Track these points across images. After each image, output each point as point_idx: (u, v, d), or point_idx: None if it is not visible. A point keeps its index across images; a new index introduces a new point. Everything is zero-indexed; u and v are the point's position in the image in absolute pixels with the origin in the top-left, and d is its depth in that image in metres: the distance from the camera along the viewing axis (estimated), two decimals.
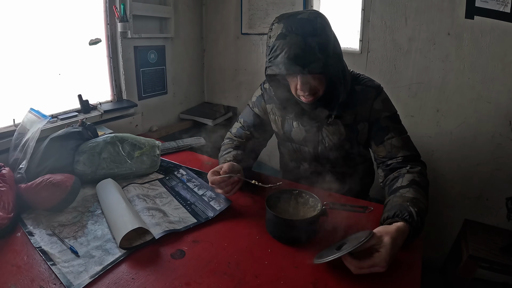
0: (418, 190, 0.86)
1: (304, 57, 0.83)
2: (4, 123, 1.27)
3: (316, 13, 0.89)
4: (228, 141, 1.20)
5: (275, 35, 0.87)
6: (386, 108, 1.00)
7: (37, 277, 0.69)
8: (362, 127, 1.02)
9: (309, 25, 0.85)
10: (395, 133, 0.98)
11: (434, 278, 1.68)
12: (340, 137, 1.04)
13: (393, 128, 0.99)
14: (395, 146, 0.98)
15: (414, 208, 0.79)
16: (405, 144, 0.98)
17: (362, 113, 1.01)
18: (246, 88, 2.15)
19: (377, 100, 0.99)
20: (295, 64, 0.84)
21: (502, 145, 1.52)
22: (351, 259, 0.69)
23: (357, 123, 1.02)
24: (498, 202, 1.56)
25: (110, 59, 1.65)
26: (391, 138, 0.98)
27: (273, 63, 0.87)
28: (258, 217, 0.92)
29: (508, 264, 1.33)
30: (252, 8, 1.97)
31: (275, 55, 0.86)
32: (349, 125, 1.03)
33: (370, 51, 1.70)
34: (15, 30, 1.27)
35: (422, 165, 0.97)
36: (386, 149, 0.99)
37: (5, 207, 0.85)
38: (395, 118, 1.01)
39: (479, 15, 1.42)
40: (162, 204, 0.98)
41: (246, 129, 1.18)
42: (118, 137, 1.16)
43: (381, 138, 1.00)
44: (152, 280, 0.69)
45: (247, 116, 1.19)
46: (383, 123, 0.99)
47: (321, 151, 1.09)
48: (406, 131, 1.02)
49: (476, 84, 1.51)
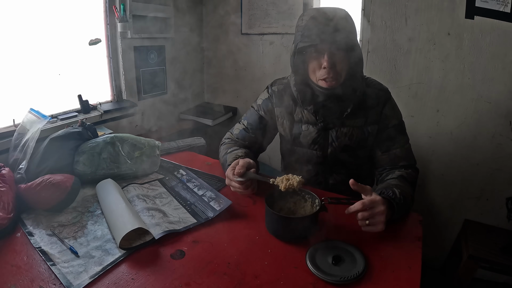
0: (403, 181, 0.96)
1: (337, 31, 0.89)
2: (4, 123, 1.27)
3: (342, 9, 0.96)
4: (229, 141, 1.19)
5: (307, 19, 0.93)
6: (395, 115, 1.05)
7: (37, 278, 0.68)
8: (372, 129, 1.05)
9: (338, 12, 0.92)
10: (400, 143, 1.04)
11: (434, 278, 1.68)
12: (351, 138, 1.06)
13: (399, 139, 1.05)
14: (398, 156, 1.04)
15: (398, 189, 0.88)
16: (406, 154, 1.05)
17: (373, 116, 1.04)
18: (246, 88, 2.15)
19: (387, 105, 1.04)
20: (328, 34, 0.89)
21: (502, 145, 1.52)
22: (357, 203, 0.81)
23: (367, 125, 1.05)
24: (498, 202, 1.56)
25: (110, 59, 1.65)
26: (396, 149, 1.04)
27: (307, 37, 0.91)
28: (258, 217, 0.92)
29: (508, 264, 1.33)
30: (252, 8, 1.97)
31: (308, 31, 0.91)
32: (360, 127, 1.05)
33: (370, 51, 1.70)
34: (15, 30, 1.27)
35: (414, 170, 1.05)
36: (389, 158, 1.05)
37: (5, 207, 0.85)
38: (402, 127, 1.07)
39: (479, 15, 1.42)
40: (162, 205, 0.98)
41: (250, 132, 1.17)
42: (118, 137, 1.15)
43: (387, 147, 1.05)
44: (152, 280, 0.69)
45: (252, 119, 1.17)
46: (391, 133, 1.04)
47: (330, 153, 1.09)
48: (408, 138, 1.08)
49: (476, 84, 1.51)
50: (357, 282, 0.69)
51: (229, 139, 1.20)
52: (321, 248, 0.77)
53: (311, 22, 0.92)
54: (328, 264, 0.73)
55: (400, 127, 1.06)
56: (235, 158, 1.04)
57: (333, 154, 1.09)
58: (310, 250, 0.76)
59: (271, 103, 1.15)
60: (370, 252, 0.77)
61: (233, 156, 1.06)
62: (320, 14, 0.92)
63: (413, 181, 1.01)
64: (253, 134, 1.16)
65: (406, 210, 0.90)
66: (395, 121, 1.05)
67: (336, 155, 1.09)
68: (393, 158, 1.04)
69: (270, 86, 1.16)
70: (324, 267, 0.72)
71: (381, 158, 1.06)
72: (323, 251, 0.76)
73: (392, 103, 1.05)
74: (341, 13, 0.93)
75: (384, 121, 1.04)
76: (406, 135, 1.07)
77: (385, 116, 1.04)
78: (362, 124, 1.04)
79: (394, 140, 1.04)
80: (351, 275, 0.69)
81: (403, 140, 1.05)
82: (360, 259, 0.74)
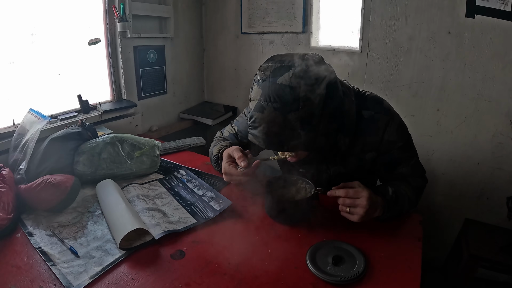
0: (404, 184, 0.92)
1: (282, 136, 0.75)
2: (4, 123, 1.27)
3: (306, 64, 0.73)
4: (218, 139, 1.18)
5: (254, 101, 0.76)
6: (398, 138, 0.91)
7: (37, 278, 0.69)
8: (370, 156, 0.94)
9: (290, 94, 0.71)
10: (407, 162, 0.94)
11: (434, 278, 1.68)
12: (346, 166, 0.97)
13: (405, 158, 0.94)
14: (404, 174, 0.95)
15: (392, 188, 0.87)
16: (414, 170, 0.96)
17: (371, 143, 0.91)
18: (246, 87, 2.15)
19: (388, 130, 0.89)
20: (273, 142, 0.77)
21: (502, 144, 1.52)
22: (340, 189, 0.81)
23: (365, 153, 0.93)
24: (498, 201, 1.56)
25: (109, 59, 1.65)
26: (402, 168, 0.95)
27: (252, 134, 0.79)
28: (257, 217, 0.92)
29: (508, 263, 1.33)
30: (252, 7, 1.96)
31: (253, 126, 0.78)
32: (355, 155, 0.94)
33: (370, 50, 1.69)
34: (15, 30, 1.27)
35: (422, 179, 0.98)
36: (395, 176, 0.96)
37: (5, 207, 0.85)
38: (408, 145, 0.95)
39: (479, 14, 1.42)
40: (162, 205, 0.97)
41: (239, 139, 1.13)
42: (118, 138, 1.15)
43: (392, 168, 0.95)
44: (152, 280, 0.69)
45: (243, 127, 1.12)
46: (395, 154, 0.93)
47: (325, 178, 1.01)
48: (415, 152, 0.98)
49: (476, 83, 1.50)
50: (357, 282, 0.69)
51: (217, 137, 1.20)
52: (321, 248, 0.77)
53: (257, 115, 0.75)
54: (328, 264, 0.73)
55: (405, 146, 0.93)
56: (219, 149, 1.05)
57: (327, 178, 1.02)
58: (310, 250, 0.76)
59: None
60: (370, 252, 0.77)
61: (218, 147, 1.06)
62: (267, 99, 0.73)
63: (417, 187, 0.94)
64: (243, 141, 1.13)
65: (399, 211, 0.87)
66: (399, 143, 0.91)
67: (331, 179, 1.00)
68: (399, 176, 0.95)
69: None
70: (324, 267, 0.72)
71: (385, 176, 0.99)
72: (323, 251, 0.76)
73: (393, 126, 0.89)
74: (295, 90, 0.71)
75: (386, 147, 0.91)
76: (412, 151, 0.96)
77: (388, 142, 0.90)
78: (358, 152, 0.93)
79: (400, 160, 0.93)
80: (351, 275, 0.69)
81: (409, 158, 0.95)
82: (360, 259, 0.74)
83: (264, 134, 0.76)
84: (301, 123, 0.73)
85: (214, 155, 1.08)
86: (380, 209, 0.84)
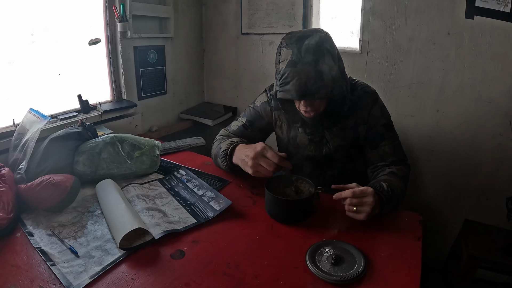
0: (392, 176, 0.99)
1: (313, 85, 0.90)
2: (4, 123, 1.27)
3: (320, 34, 0.94)
4: (223, 137, 1.19)
5: (285, 60, 0.92)
6: (383, 115, 1.09)
7: (36, 278, 0.68)
8: (362, 130, 1.09)
9: (316, 51, 0.90)
10: (389, 140, 1.08)
11: (434, 278, 1.68)
12: (343, 139, 1.10)
13: (388, 136, 1.08)
14: (387, 152, 1.07)
15: (385, 183, 0.93)
16: (395, 150, 1.08)
17: (362, 117, 1.08)
18: (246, 88, 2.15)
19: (375, 107, 1.07)
20: (305, 92, 0.90)
21: (502, 145, 1.52)
22: None
23: (357, 126, 1.08)
24: (498, 202, 1.56)
25: (109, 59, 1.65)
26: (385, 146, 1.07)
27: (284, 89, 0.93)
28: (258, 217, 0.92)
29: (508, 264, 1.33)
30: (252, 8, 1.96)
31: (286, 81, 0.92)
32: (351, 128, 1.09)
33: (370, 51, 1.70)
34: (15, 30, 1.27)
35: (405, 166, 1.08)
36: (379, 154, 1.08)
37: (4, 207, 0.85)
38: (390, 125, 1.10)
39: (479, 15, 1.42)
40: (162, 205, 0.98)
41: (249, 130, 1.20)
42: (117, 137, 1.15)
43: (376, 144, 1.08)
44: (152, 280, 0.69)
45: (251, 116, 1.20)
46: (379, 130, 1.08)
47: (325, 153, 1.13)
48: (397, 136, 1.11)
49: (476, 84, 1.51)
50: (357, 282, 0.69)
51: (222, 135, 1.21)
52: (321, 248, 0.77)
53: (289, 70, 0.91)
54: (328, 264, 0.73)
55: (388, 125, 1.09)
56: (230, 144, 1.08)
57: (328, 154, 1.13)
58: (310, 250, 0.76)
59: (269, 107, 1.17)
60: (370, 252, 0.77)
61: (228, 143, 1.09)
62: (298, 56, 0.90)
63: (404, 176, 1.04)
64: (251, 132, 1.19)
65: (395, 202, 0.93)
66: (383, 120, 1.08)
67: (331, 154, 1.12)
68: (382, 154, 1.07)
69: (268, 90, 1.18)
70: (324, 267, 0.72)
71: (371, 154, 1.09)
72: (323, 251, 0.76)
73: (379, 104, 1.08)
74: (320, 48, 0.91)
75: (373, 121, 1.07)
76: (394, 133, 1.11)
77: (374, 117, 1.07)
78: (353, 125, 1.08)
79: (383, 136, 1.07)
80: (351, 275, 0.69)
81: (391, 137, 1.08)
82: (360, 259, 0.74)
83: (297, 86, 0.90)
84: (326, 73, 0.90)
85: (223, 150, 1.09)
86: (380, 205, 0.87)
